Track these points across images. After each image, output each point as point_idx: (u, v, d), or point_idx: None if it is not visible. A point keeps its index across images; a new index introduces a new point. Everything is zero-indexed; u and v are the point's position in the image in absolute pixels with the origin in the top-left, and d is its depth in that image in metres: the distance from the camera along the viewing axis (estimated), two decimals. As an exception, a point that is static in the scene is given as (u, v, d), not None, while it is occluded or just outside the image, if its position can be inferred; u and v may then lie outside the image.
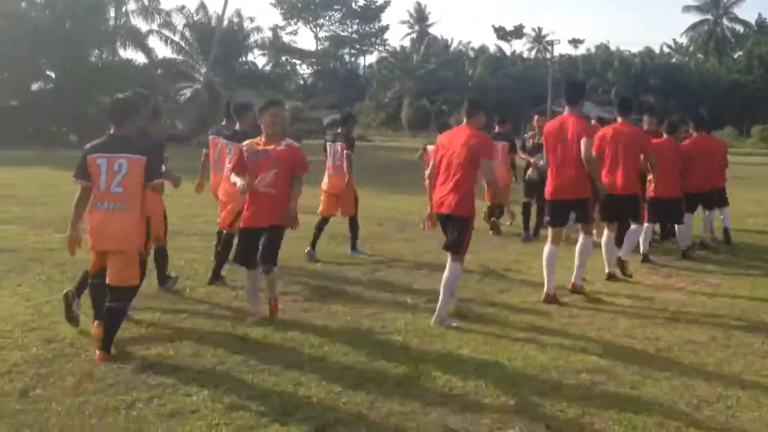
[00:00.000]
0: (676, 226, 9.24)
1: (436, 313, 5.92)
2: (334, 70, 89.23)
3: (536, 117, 11.19)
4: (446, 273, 6.01)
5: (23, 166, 22.21)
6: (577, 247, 7.13)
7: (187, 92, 52.41)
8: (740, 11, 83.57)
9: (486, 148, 6.10)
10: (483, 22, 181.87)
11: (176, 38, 51.33)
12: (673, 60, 77.51)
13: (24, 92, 43.05)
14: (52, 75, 43.51)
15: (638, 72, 68.86)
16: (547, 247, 6.87)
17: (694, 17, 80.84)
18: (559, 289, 6.84)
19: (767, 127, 59.86)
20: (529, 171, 10.34)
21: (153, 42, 52.85)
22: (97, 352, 4.86)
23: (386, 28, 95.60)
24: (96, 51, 45.68)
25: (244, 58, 57.36)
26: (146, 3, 47.03)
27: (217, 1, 52.38)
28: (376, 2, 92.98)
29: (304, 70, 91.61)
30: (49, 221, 10.91)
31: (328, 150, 9.07)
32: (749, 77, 65.29)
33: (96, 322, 5.14)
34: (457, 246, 5.97)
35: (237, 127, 7.53)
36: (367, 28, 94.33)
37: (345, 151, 8.82)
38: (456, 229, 5.94)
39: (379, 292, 7.04)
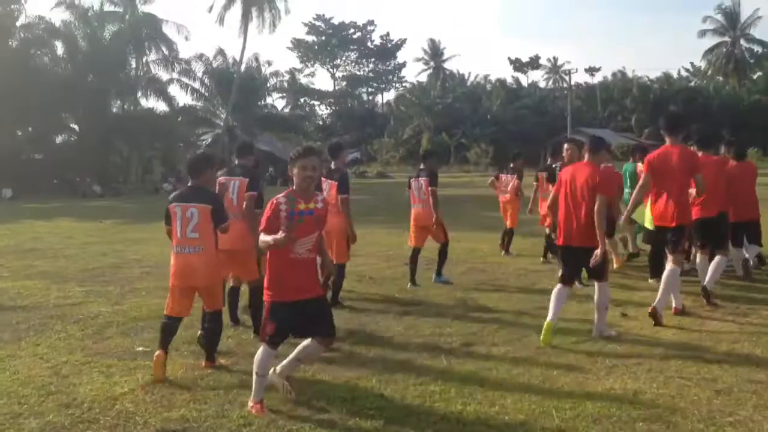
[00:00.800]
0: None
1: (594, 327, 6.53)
2: (351, 108, 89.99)
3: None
4: (597, 295, 6.54)
5: (48, 218, 22.30)
6: (664, 275, 7.05)
7: (208, 137, 53.00)
8: (757, 31, 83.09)
9: (605, 184, 6.43)
10: (499, 54, 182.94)
11: (196, 85, 52.07)
12: (692, 84, 77.05)
13: (48, 144, 43.78)
14: (76, 127, 44.19)
15: (657, 97, 68.43)
16: (668, 268, 7.07)
17: (711, 41, 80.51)
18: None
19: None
20: None
21: (173, 90, 53.52)
22: (204, 362, 5.79)
23: (402, 65, 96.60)
24: (118, 102, 46.39)
25: (263, 102, 57.96)
26: (166, 53, 47.78)
27: (236, 47, 52.81)
28: (393, 41, 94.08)
29: (323, 110, 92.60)
30: (71, 275, 10.77)
31: (412, 185, 9.46)
32: (771, 97, 64.58)
33: (158, 351, 5.58)
34: (599, 274, 6.51)
35: (332, 165, 8.25)
36: (383, 67, 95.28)
37: (429, 188, 9.17)
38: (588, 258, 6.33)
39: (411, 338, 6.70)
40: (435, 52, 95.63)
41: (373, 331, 6.98)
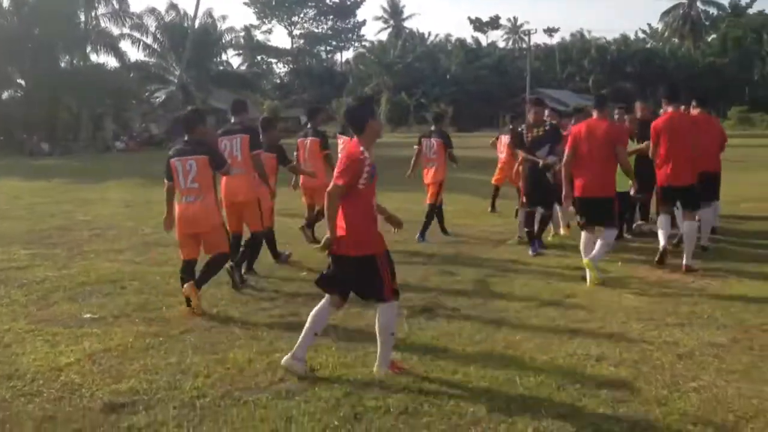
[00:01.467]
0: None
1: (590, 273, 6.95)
2: (310, 67, 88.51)
3: (546, 111, 10.35)
4: (602, 241, 7.06)
5: (-8, 177, 21.44)
6: (686, 231, 7.65)
7: (161, 95, 51.66)
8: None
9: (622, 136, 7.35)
10: (459, 14, 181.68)
11: (148, 40, 50.45)
12: (648, 45, 77.66)
13: (-8, 101, 42.07)
14: (22, 82, 42.46)
15: (614, 59, 68.89)
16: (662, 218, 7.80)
17: (669, 2, 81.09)
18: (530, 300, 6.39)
19: (743, 109, 60.17)
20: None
21: (125, 45, 51.85)
22: (188, 286, 6.13)
23: (362, 23, 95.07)
24: (66, 57, 44.68)
25: (218, 59, 56.52)
26: (116, 6, 46.03)
27: (188, 1, 51.26)
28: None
29: (280, 68, 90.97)
30: (16, 237, 10.34)
31: (423, 144, 10.07)
32: (724, 60, 65.50)
33: (185, 285, 6.20)
34: (611, 219, 7.20)
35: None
36: (342, 25, 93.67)
37: (447, 149, 9.88)
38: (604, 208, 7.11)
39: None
40: (395, 11, 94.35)
41: (333, 295, 6.80)
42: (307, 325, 4.75)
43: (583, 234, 7.37)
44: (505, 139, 12.00)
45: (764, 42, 63.11)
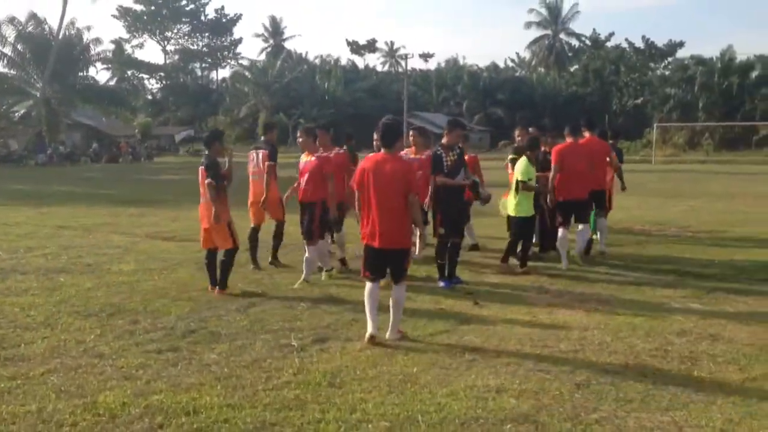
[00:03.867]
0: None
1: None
2: (184, 84, 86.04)
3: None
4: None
5: None
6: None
7: (20, 109, 48.47)
8: (575, 26, 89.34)
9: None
10: (337, 36, 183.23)
11: (7, 51, 47.23)
12: (517, 74, 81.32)
13: None
14: None
15: (486, 86, 71.50)
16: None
17: (536, 32, 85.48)
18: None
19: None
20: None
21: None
22: (216, 290, 7.63)
23: (238, 41, 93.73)
24: None
25: (85, 72, 53.78)
26: (-29, 13, 42.79)
27: (51, 11, 48.37)
28: (228, 15, 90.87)
29: (153, 84, 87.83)
30: None
31: (252, 158, 9.28)
32: (587, 89, 69.53)
33: (210, 287, 7.74)
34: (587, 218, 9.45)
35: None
36: (218, 42, 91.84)
37: (267, 162, 9.06)
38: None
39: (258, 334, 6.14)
40: (275, 30, 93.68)
41: (216, 327, 6.34)
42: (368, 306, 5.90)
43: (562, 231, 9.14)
44: None
45: (621, 74, 67.51)
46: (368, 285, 6.01)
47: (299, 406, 4.45)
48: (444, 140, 8.27)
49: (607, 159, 10.13)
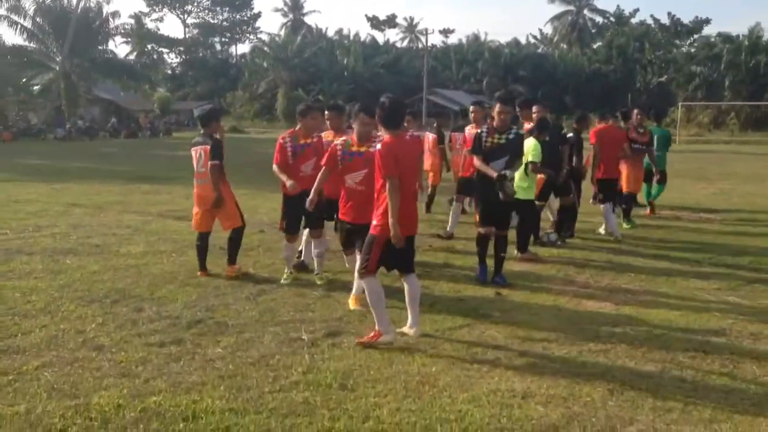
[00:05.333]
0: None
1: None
2: (204, 59, 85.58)
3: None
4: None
5: None
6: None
7: (41, 82, 48.35)
8: (599, 2, 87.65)
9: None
10: (356, 11, 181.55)
11: (27, 24, 46.95)
12: (539, 50, 79.94)
13: None
14: None
15: (507, 62, 70.36)
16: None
17: (558, 8, 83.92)
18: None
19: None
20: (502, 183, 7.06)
21: (1, 28, 47.91)
22: (227, 267, 7.56)
23: (258, 15, 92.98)
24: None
25: (104, 46, 53.35)
26: (-9, -15, 42.59)
27: (71, -17, 47.90)
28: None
29: (172, 59, 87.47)
30: None
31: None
32: (609, 67, 68.20)
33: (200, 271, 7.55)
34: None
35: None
36: (238, 16, 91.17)
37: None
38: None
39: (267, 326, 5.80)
40: (295, 5, 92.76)
41: (224, 317, 6.01)
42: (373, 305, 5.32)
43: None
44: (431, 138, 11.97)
45: (646, 51, 66.11)
46: (373, 280, 5.34)
47: (308, 411, 4.10)
48: (493, 120, 7.24)
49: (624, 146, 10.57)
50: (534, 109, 9.29)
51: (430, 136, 11.95)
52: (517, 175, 7.81)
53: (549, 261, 8.40)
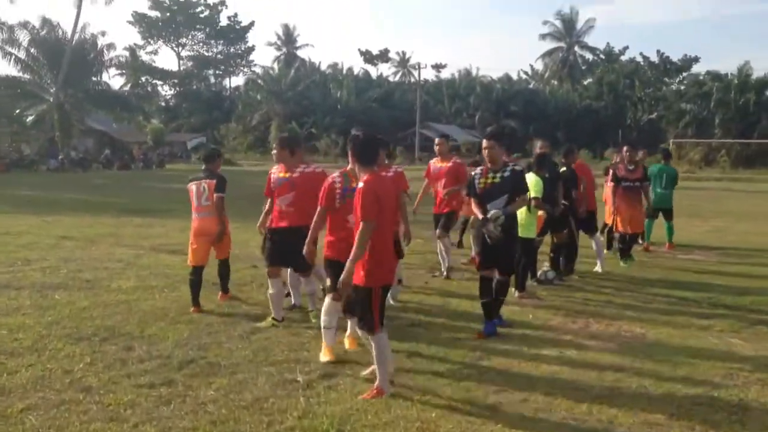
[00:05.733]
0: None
1: None
2: (198, 91, 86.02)
3: (625, 148, 11.19)
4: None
5: None
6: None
7: (35, 113, 48.36)
8: (590, 39, 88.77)
9: None
10: (349, 46, 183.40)
11: (21, 55, 47.12)
12: (530, 86, 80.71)
13: None
14: None
15: (499, 97, 70.96)
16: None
17: (549, 45, 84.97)
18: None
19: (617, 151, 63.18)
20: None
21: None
22: (220, 294, 7.97)
23: (252, 49, 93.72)
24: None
25: (98, 78, 53.54)
26: (-16, 16, 42.74)
27: (64, 16, 48.36)
28: (241, 23, 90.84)
29: (166, 91, 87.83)
30: None
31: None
32: (600, 103, 68.86)
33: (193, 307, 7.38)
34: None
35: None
36: (232, 49, 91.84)
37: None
38: None
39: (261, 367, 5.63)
40: (288, 39, 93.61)
41: (216, 357, 5.84)
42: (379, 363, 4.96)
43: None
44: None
45: (636, 88, 66.83)
46: (383, 338, 5.03)
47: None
48: (485, 157, 6.89)
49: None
50: (539, 144, 9.45)
51: None
52: (523, 212, 7.68)
53: (547, 300, 8.27)
